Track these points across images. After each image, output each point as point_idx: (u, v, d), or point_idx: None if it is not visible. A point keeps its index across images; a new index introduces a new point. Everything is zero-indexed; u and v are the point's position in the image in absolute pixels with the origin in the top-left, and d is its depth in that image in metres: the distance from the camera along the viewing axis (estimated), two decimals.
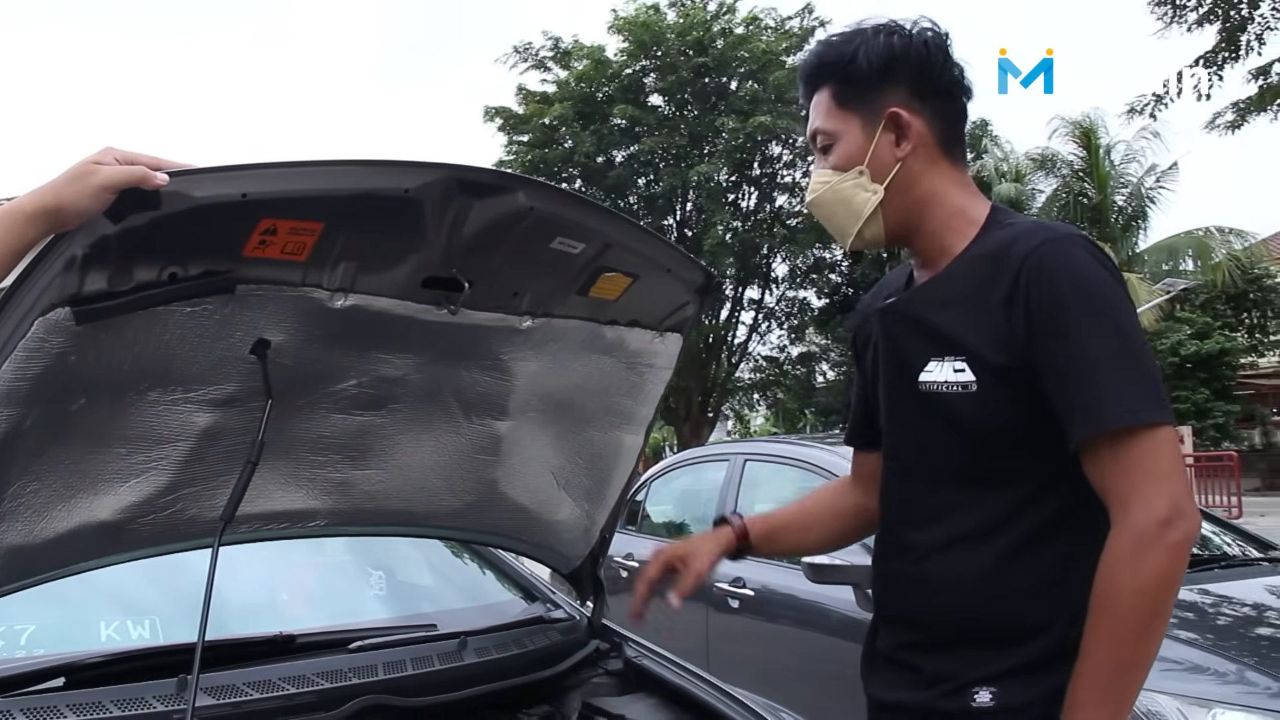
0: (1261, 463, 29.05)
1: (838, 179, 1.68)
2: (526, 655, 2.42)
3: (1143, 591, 1.42)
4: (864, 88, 1.66)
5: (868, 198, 1.66)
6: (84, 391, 1.65)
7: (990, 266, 1.57)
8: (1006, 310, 1.53)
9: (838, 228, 1.72)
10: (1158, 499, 1.43)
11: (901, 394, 1.69)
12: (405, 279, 1.81)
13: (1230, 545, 5.08)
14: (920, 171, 1.66)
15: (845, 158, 1.67)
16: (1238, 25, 11.27)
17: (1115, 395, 1.46)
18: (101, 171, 1.40)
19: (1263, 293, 27.74)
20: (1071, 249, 1.53)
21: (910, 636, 1.68)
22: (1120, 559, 1.44)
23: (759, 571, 5.16)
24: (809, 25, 25.40)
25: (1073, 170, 26.59)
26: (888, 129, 1.65)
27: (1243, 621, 4.10)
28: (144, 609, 2.35)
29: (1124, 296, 1.54)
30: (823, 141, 1.71)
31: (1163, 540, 1.42)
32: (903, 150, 1.65)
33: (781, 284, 27.93)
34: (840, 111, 1.68)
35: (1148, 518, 1.43)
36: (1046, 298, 1.50)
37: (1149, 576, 1.42)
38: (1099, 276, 1.52)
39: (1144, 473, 1.44)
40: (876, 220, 1.67)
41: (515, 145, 25.89)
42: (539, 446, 2.31)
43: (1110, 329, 1.49)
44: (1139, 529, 1.43)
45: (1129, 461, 1.45)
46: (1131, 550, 1.43)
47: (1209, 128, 11.87)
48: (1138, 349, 1.50)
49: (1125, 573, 1.43)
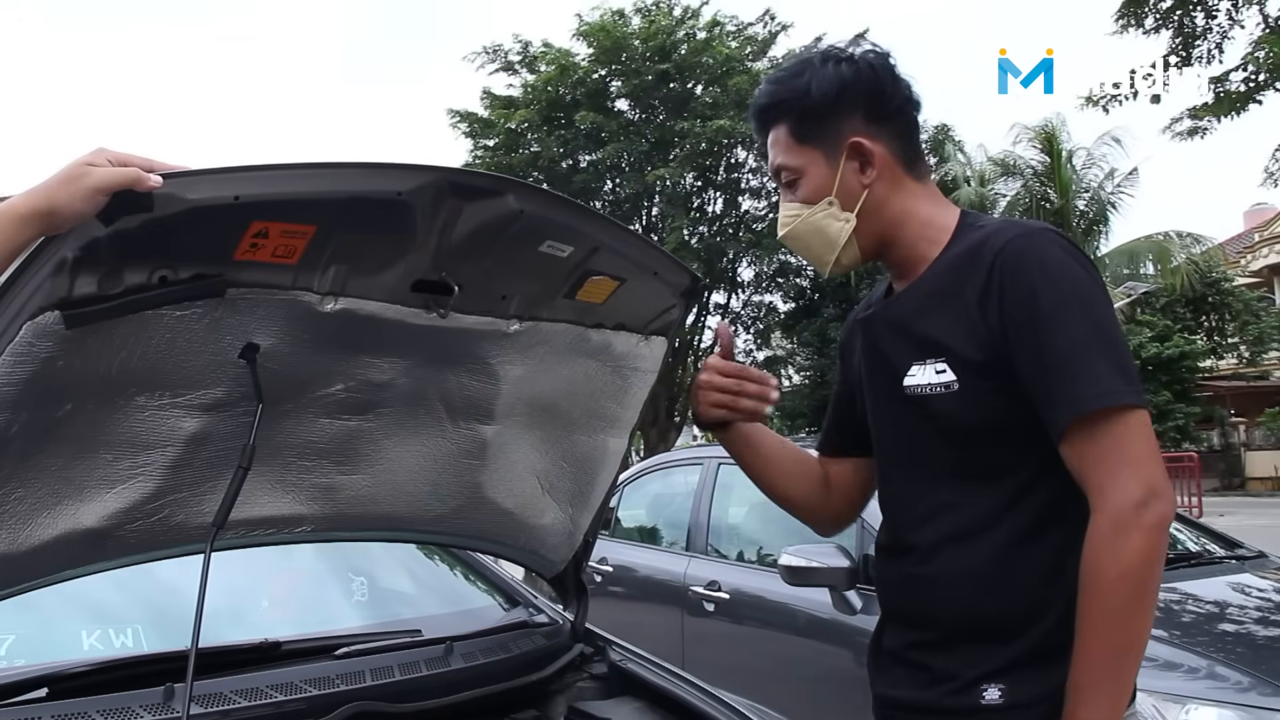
0: (1220, 463, 29.52)
1: (808, 211, 1.71)
2: (512, 660, 2.41)
3: (1125, 574, 1.45)
4: (820, 121, 1.69)
5: (841, 226, 1.70)
6: (71, 396, 1.63)
7: (965, 267, 1.60)
8: (982, 307, 1.56)
9: (815, 257, 1.75)
10: (1133, 482, 1.46)
11: (889, 400, 1.71)
12: (395, 282, 1.80)
13: (1197, 544, 5.15)
14: (887, 194, 1.70)
15: (813, 191, 1.71)
16: (1191, 33, 11.45)
17: (1090, 379, 1.48)
18: (94, 173, 1.39)
19: (1220, 296, 28.19)
20: (1043, 243, 1.57)
21: (916, 635, 1.70)
22: (1100, 544, 1.47)
23: (734, 575, 5.19)
24: (772, 30, 25.55)
25: (1035, 174, 26.86)
26: (851, 158, 1.69)
27: (1212, 619, 4.17)
28: (126, 618, 2.32)
29: (1096, 287, 1.57)
30: (787, 177, 1.74)
31: (1140, 522, 1.45)
32: (868, 177, 1.69)
33: (747, 288, 28.03)
34: (800, 147, 1.72)
35: (1124, 501, 1.46)
36: (1019, 291, 1.53)
37: (1130, 558, 1.44)
38: (1070, 268, 1.55)
39: (1120, 457, 1.48)
40: (852, 246, 1.72)
41: (480, 149, 25.83)
42: (524, 450, 2.31)
43: (1081, 317, 1.51)
44: (1116, 513, 1.46)
45: (1105, 446, 1.48)
46: (1110, 534, 1.46)
47: (1168, 132, 12.05)
48: (1111, 335, 1.53)
49: (1106, 556, 1.46)
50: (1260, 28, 11.12)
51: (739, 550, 5.50)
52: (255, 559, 2.49)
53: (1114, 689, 1.48)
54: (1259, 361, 31.04)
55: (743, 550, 5.49)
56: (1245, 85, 11.27)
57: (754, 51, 25.22)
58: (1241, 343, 29.56)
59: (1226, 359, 30.91)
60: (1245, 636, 3.96)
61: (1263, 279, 33.83)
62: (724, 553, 5.49)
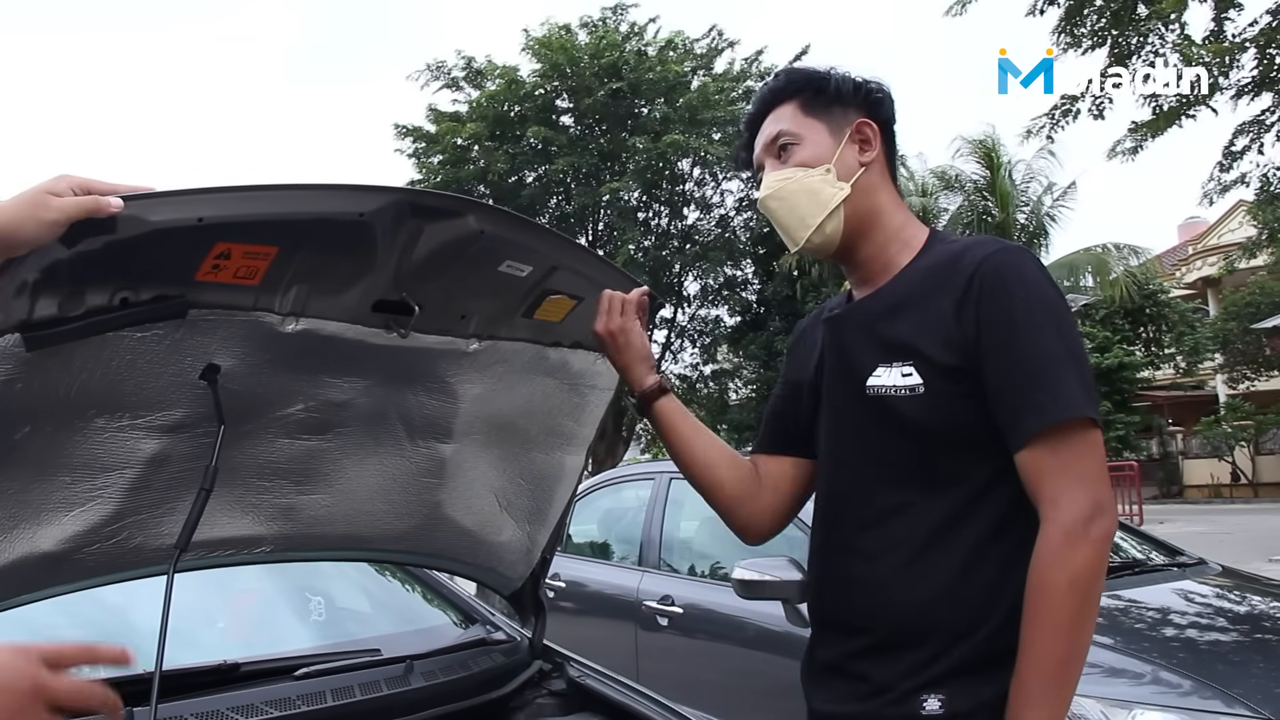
0: (1159, 471, 30.08)
1: (804, 173, 1.76)
2: (472, 678, 2.41)
3: (1074, 583, 1.49)
4: (833, 100, 1.78)
5: (834, 193, 1.74)
6: (29, 419, 1.62)
7: (940, 275, 1.65)
8: (957, 313, 1.60)
9: (798, 218, 1.77)
10: (1085, 498, 1.52)
11: (848, 400, 1.73)
12: (356, 303, 1.81)
13: (1140, 551, 5.26)
14: (876, 184, 1.78)
15: (811, 157, 1.76)
16: (1125, 51, 11.68)
17: (1062, 390, 1.54)
18: (55, 205, 1.38)
19: (1158, 308, 28.70)
20: (1023, 259, 1.63)
21: (853, 643, 1.70)
22: (1051, 554, 1.51)
23: (687, 589, 5.20)
24: (717, 45, 25.69)
25: (976, 188, 27.21)
26: (853, 139, 1.77)
27: (1155, 625, 4.25)
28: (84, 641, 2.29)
29: (1067, 306, 1.63)
30: (785, 141, 1.79)
31: (1088, 535, 1.50)
32: (866, 158, 1.77)
33: (693, 302, 28.10)
34: (806, 118, 1.79)
35: (1076, 514, 1.51)
36: (1000, 302, 1.58)
37: (1079, 568, 1.49)
38: (1045, 285, 1.61)
39: (1077, 472, 1.53)
40: (838, 216, 1.75)
41: (426, 165, 25.72)
42: (482, 469, 2.31)
43: (1056, 331, 1.57)
44: (1068, 524, 1.50)
45: (1065, 458, 1.53)
46: (1061, 545, 1.50)
47: (1111, 155, 12.23)
48: (1080, 352, 1.59)
49: (1057, 567, 1.50)
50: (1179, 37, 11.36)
51: (691, 565, 5.51)
52: (210, 580, 2.46)
53: (1059, 695, 1.51)
54: (1195, 371, 31.69)
55: (695, 564, 5.50)
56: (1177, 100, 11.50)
57: (698, 67, 25.36)
58: (1178, 353, 30.13)
59: (1164, 369, 31.50)
60: (1187, 642, 4.04)
61: (1197, 290, 34.61)
62: (677, 567, 5.50)
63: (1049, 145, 14.88)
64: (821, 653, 1.79)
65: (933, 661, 1.60)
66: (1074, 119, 12.01)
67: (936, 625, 1.61)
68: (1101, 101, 11.75)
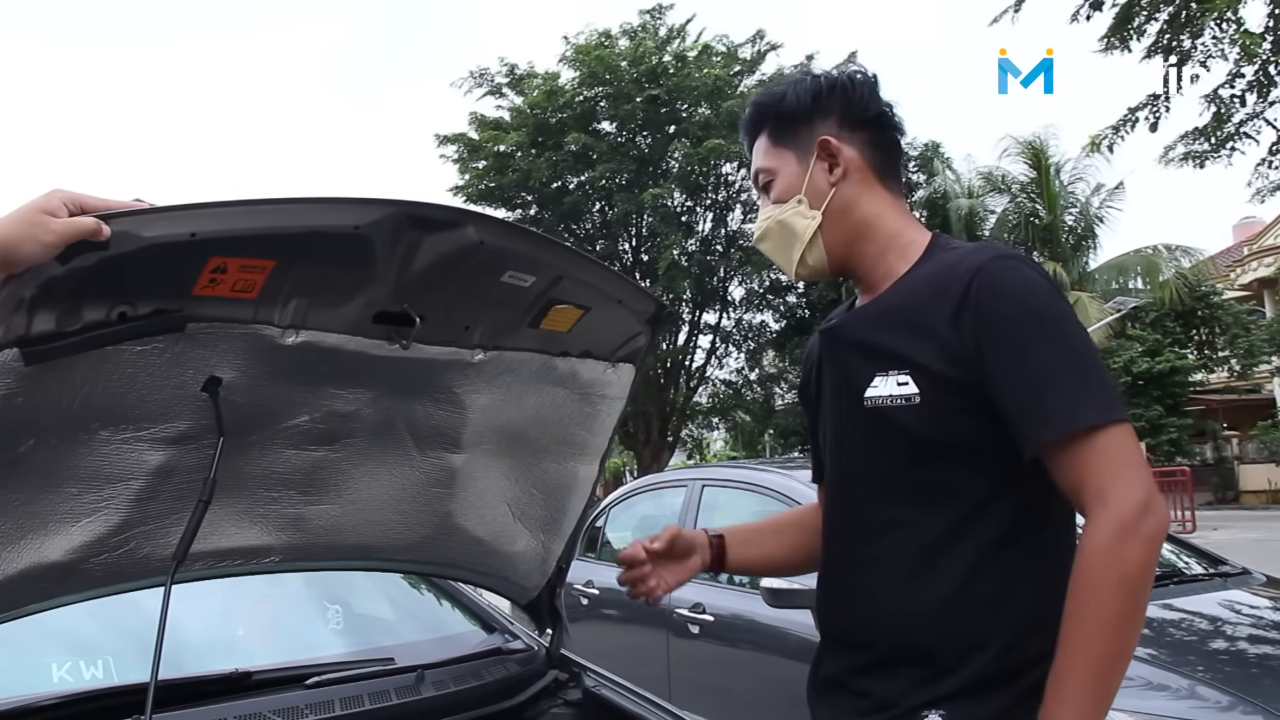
0: (1214, 477, 29.54)
1: (779, 210, 1.75)
2: (485, 687, 2.41)
3: (1124, 580, 1.42)
4: (795, 123, 1.74)
5: (807, 224, 1.72)
6: (34, 432, 1.64)
7: (937, 284, 1.60)
8: (955, 322, 1.55)
9: (783, 256, 1.77)
10: (1136, 486, 1.45)
11: (847, 412, 1.71)
12: (356, 315, 1.82)
13: (1181, 561, 5.15)
14: (856, 196, 1.72)
15: (784, 190, 1.75)
16: (1181, 59, 11.47)
17: (1089, 395, 1.49)
18: (51, 225, 1.40)
19: (1210, 310, 28.23)
20: (1020, 265, 1.58)
21: (855, 659, 1.68)
22: (1102, 548, 1.43)
23: (718, 597, 5.18)
24: (761, 50, 25.64)
25: (1023, 189, 26.96)
26: (821, 158, 1.72)
27: (1194, 638, 4.16)
28: (97, 649, 2.33)
29: (1072, 311, 1.59)
30: (764, 179, 1.78)
31: (1141, 529, 1.43)
32: (835, 176, 1.72)
33: (739, 307, 28.05)
34: (776, 149, 1.76)
35: (1129, 503, 1.44)
36: (1001, 311, 1.53)
37: (1131, 564, 1.42)
38: (1048, 293, 1.56)
39: (1121, 461, 1.46)
40: (817, 245, 1.72)
41: (470, 172, 25.89)
42: (494, 479, 2.31)
43: (1068, 339, 1.52)
44: (1121, 516, 1.43)
45: (1105, 453, 1.47)
46: (1114, 538, 1.43)
47: (1163, 162, 12.05)
48: (1095, 357, 1.55)
49: (1109, 561, 1.43)
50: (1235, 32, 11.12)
51: None
52: (231, 588, 2.48)
53: (1098, 698, 1.44)
54: (1250, 375, 31.07)
55: None
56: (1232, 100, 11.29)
57: (741, 70, 25.32)
58: (1232, 356, 29.59)
59: (1218, 373, 30.96)
60: (1228, 655, 3.96)
61: (1252, 292, 33.92)
62: (708, 575, 5.47)
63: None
64: (825, 667, 1.77)
65: (934, 680, 1.57)
66: (1132, 128, 11.84)
67: (936, 642, 1.58)
68: (1158, 110, 11.55)
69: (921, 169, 27.23)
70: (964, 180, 27.90)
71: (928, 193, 27.20)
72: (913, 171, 27.15)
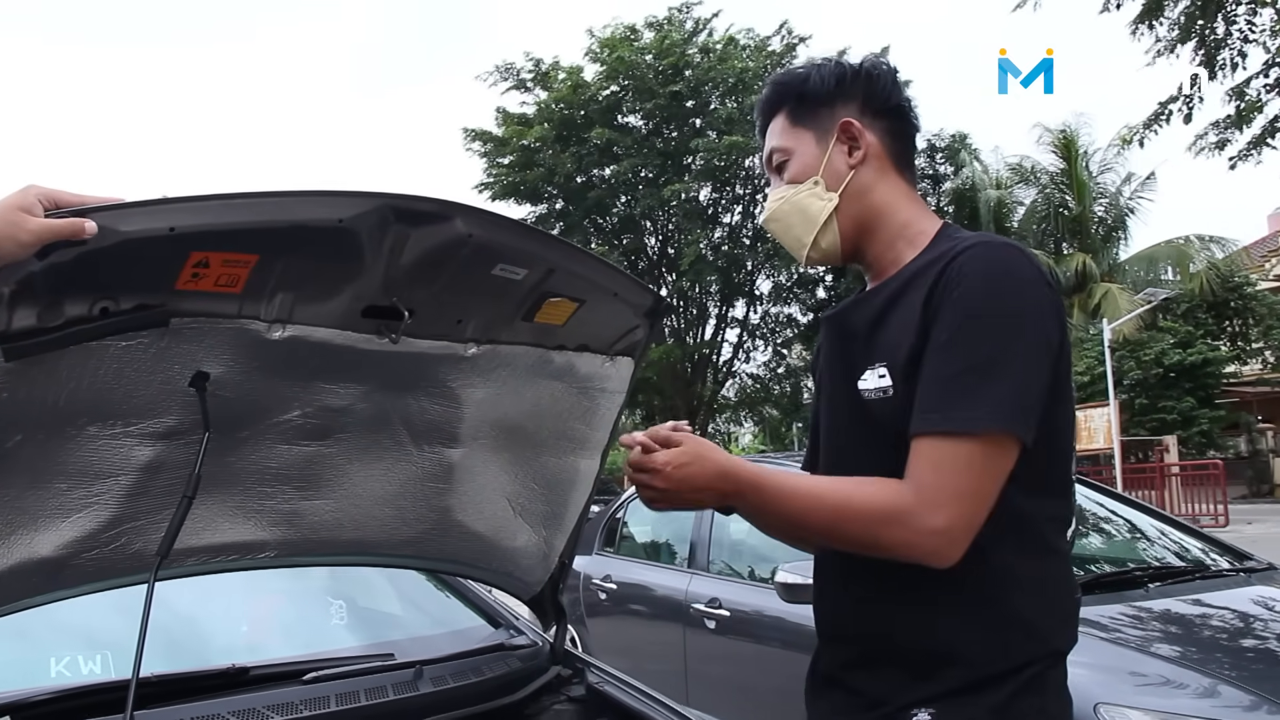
0: (1248, 470, 29.19)
1: (793, 191, 1.71)
2: (485, 683, 2.40)
3: (853, 524, 1.52)
4: (816, 104, 1.71)
5: (823, 205, 1.68)
6: (20, 428, 1.64)
7: (925, 273, 1.57)
8: (924, 307, 1.52)
9: (794, 238, 1.73)
10: (949, 512, 1.45)
11: (842, 402, 1.68)
12: (344, 309, 1.80)
13: (1205, 555, 5.06)
14: (873, 182, 1.69)
15: (801, 170, 1.71)
16: (1214, 46, 11.31)
17: (974, 398, 1.45)
18: (31, 225, 1.40)
19: (1243, 301, 27.91)
20: (1006, 254, 1.53)
21: (848, 654, 1.67)
22: (880, 501, 1.49)
23: (735, 592, 5.15)
24: (789, 42, 25.54)
25: (1052, 179, 26.74)
26: (841, 140, 1.69)
27: (1218, 635, 4.08)
28: (96, 643, 2.33)
29: (1043, 309, 1.52)
30: (778, 159, 1.74)
31: (906, 537, 1.47)
32: (855, 159, 1.69)
33: (766, 301, 27.99)
34: (794, 129, 1.72)
35: (928, 517, 1.45)
36: (958, 294, 1.49)
37: (872, 535, 1.50)
38: (1020, 286, 1.50)
39: (959, 478, 1.46)
40: (831, 228, 1.69)
41: (495, 166, 25.95)
42: (493, 473, 2.30)
43: (1000, 336, 1.47)
44: (913, 514, 1.46)
45: (953, 462, 1.45)
46: (892, 513, 1.48)
47: (1192, 150, 11.88)
48: (1021, 362, 1.48)
49: (871, 511, 1.50)
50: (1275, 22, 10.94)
51: (739, 567, 5.46)
52: (235, 583, 2.49)
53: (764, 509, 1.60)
54: None
55: (743, 567, 5.45)
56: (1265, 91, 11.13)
57: (771, 65, 25.22)
58: (1267, 348, 29.26)
59: (1251, 365, 30.60)
60: (1253, 654, 3.87)
61: None
62: (724, 570, 5.46)
63: (1124, 133, 14.54)
64: (821, 664, 1.76)
65: (924, 678, 1.55)
66: (1167, 121, 11.69)
67: (926, 640, 1.56)
68: (1191, 101, 11.40)
69: (949, 160, 27.07)
70: (992, 172, 27.70)
71: (955, 184, 27.04)
72: (940, 163, 27.01)
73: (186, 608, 2.53)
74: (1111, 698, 3.23)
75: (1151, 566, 4.68)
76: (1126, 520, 5.25)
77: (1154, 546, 5.05)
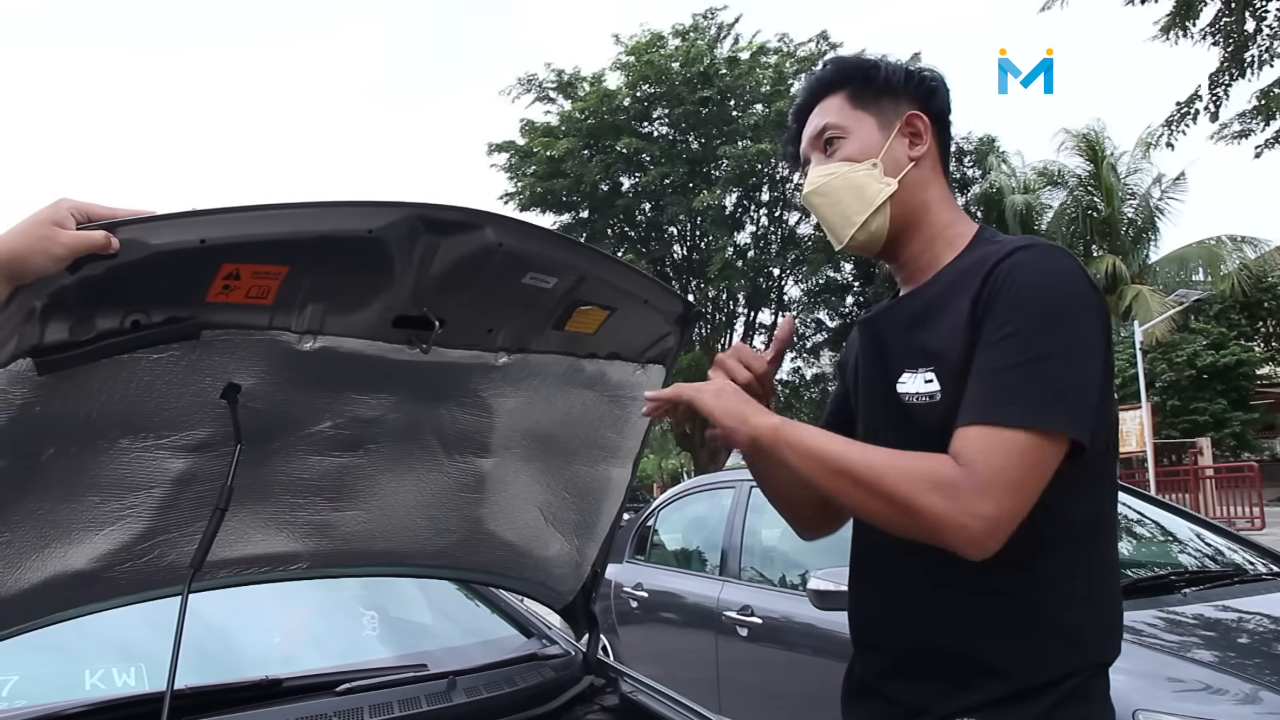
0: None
1: (849, 168, 1.68)
2: (518, 693, 2.39)
3: (899, 486, 1.42)
4: (882, 91, 1.70)
5: (881, 189, 1.66)
6: (53, 441, 1.65)
7: (969, 276, 1.55)
8: (972, 310, 1.51)
9: (843, 215, 1.69)
10: (998, 496, 1.39)
11: (880, 406, 1.66)
12: (375, 319, 1.80)
13: (1244, 560, 4.99)
14: (927, 179, 1.69)
15: (858, 151, 1.68)
16: (1241, 43, 11.20)
17: (1024, 394, 1.42)
18: (61, 238, 1.40)
19: (1277, 301, 27.60)
20: (1053, 256, 1.52)
21: (885, 662, 1.65)
22: (929, 473, 1.42)
23: (766, 599, 5.13)
24: (822, 50, 25.47)
25: (1080, 182, 26.55)
26: (903, 132, 1.68)
27: (1257, 640, 4.02)
28: (130, 655, 2.34)
29: (1091, 312, 1.50)
30: (831, 134, 1.71)
31: (957, 517, 1.39)
32: (916, 152, 1.68)
33: (794, 306, 27.89)
34: (855, 111, 1.70)
35: (977, 499, 1.39)
36: (1007, 295, 1.47)
37: (914, 501, 1.41)
38: (1067, 287, 1.49)
39: (1009, 467, 1.41)
40: (884, 213, 1.67)
41: (520, 177, 26.00)
42: (524, 482, 2.29)
43: (1051, 335, 1.45)
44: (965, 491, 1.39)
45: (1003, 450, 1.41)
46: (942, 485, 1.40)
47: (1215, 138, 11.78)
48: (1070, 361, 1.46)
49: (920, 477, 1.42)
50: None
51: (771, 574, 5.43)
52: (269, 595, 2.49)
53: (801, 457, 1.52)
54: None
55: (775, 574, 5.42)
56: None
57: (802, 70, 25.16)
58: None
59: None
60: None
61: None
62: (756, 577, 5.43)
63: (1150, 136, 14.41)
64: (858, 672, 1.73)
65: (964, 687, 1.52)
66: (1194, 120, 11.58)
67: (966, 649, 1.53)
68: (1219, 98, 11.30)
69: (977, 164, 26.93)
70: (1019, 175, 27.54)
71: (983, 188, 26.89)
72: (968, 167, 26.86)
73: (219, 619, 2.53)
74: (1150, 704, 3.19)
75: (1188, 571, 4.62)
76: (1160, 524, 5.19)
77: (1189, 550, 4.99)
